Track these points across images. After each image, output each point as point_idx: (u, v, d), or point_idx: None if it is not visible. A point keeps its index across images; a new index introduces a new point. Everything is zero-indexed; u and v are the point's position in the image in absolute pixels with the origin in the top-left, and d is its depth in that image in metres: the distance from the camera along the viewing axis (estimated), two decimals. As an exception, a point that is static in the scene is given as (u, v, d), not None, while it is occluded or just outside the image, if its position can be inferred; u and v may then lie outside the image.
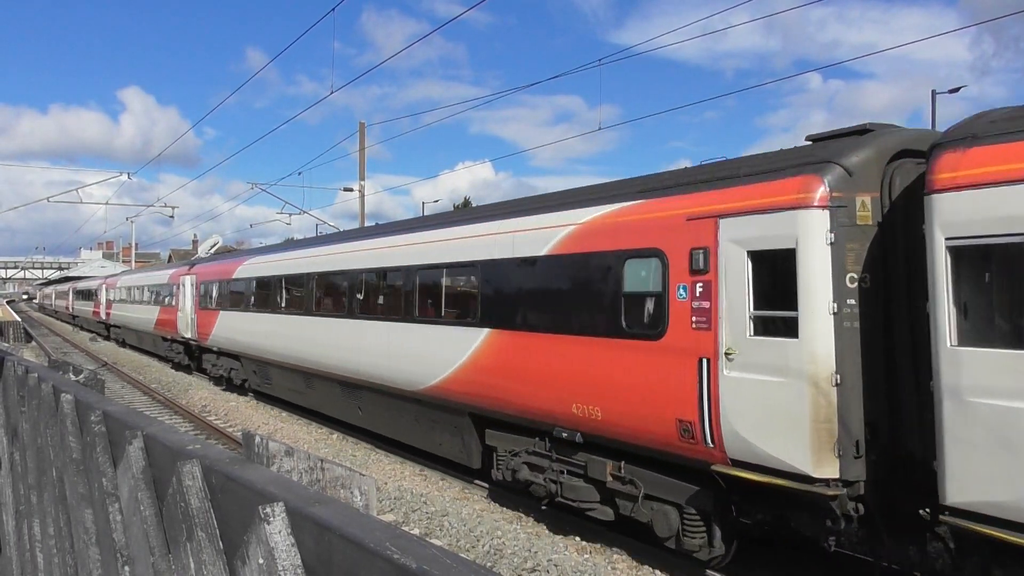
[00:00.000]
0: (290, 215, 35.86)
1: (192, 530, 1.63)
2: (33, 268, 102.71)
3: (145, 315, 31.86)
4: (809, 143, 7.83)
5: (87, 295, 53.88)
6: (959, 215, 5.88)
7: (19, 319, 54.20)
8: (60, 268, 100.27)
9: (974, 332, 5.91)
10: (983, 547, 6.03)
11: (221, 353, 22.82)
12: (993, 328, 5.95)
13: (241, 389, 22.09)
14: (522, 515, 10.88)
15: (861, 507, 6.82)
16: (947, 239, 5.93)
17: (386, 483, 12.56)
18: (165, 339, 28.97)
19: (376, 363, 13.43)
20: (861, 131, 7.42)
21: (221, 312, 22.09)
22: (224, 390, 23.03)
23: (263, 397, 20.89)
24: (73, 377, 3.94)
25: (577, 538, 9.89)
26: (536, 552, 9.34)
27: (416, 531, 10.16)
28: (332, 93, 21.33)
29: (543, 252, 9.80)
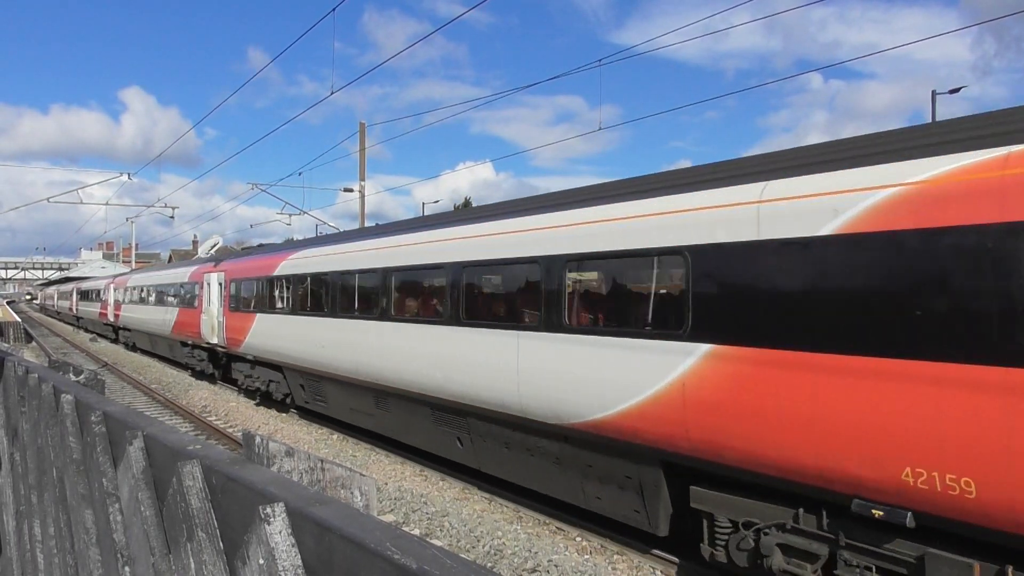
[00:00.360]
0: (290, 215, 35.88)
1: (192, 530, 1.63)
2: (33, 268, 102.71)
3: (160, 317, 29.22)
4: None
5: (92, 295, 51.19)
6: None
7: (19, 319, 54.22)
8: (60, 268, 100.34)
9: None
10: None
11: (257, 362, 19.63)
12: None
13: (281, 405, 19.30)
14: (523, 515, 10.88)
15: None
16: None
17: (386, 483, 12.56)
18: (185, 344, 26.03)
19: (494, 385, 10.06)
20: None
21: (258, 315, 18.93)
22: (225, 389, 23.05)
23: (265, 398, 20.89)
24: (73, 377, 3.94)
25: (578, 538, 9.89)
26: (536, 552, 9.35)
27: (416, 531, 10.16)
28: (332, 94, 21.34)
29: (832, 231, 6.31)
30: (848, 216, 6.20)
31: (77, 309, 55.62)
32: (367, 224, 28.45)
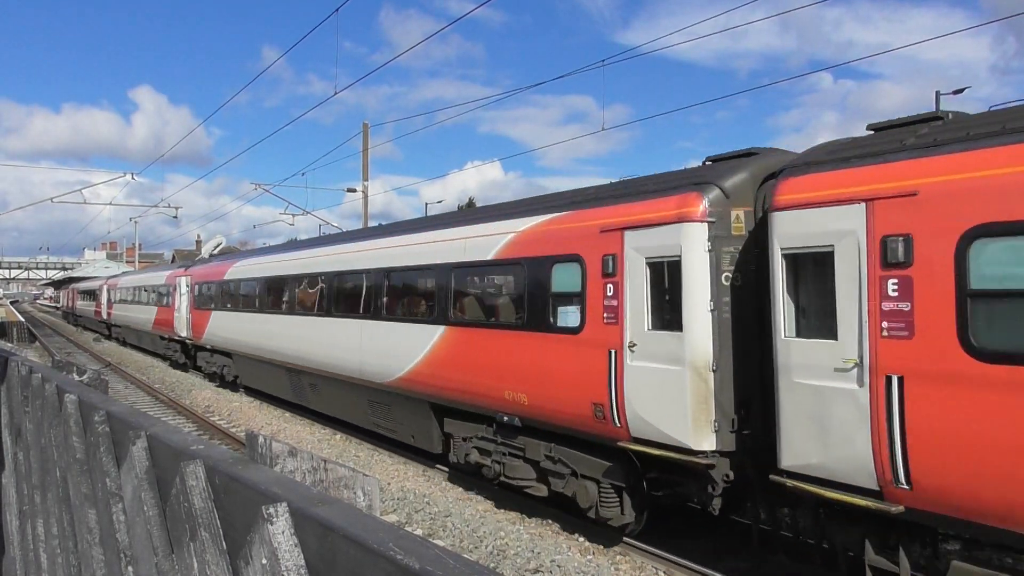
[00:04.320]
0: (293, 216, 35.90)
1: (195, 530, 1.63)
2: (37, 268, 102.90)
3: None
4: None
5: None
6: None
7: (23, 319, 54.29)
8: (64, 268, 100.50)
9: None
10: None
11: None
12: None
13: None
14: (525, 516, 10.88)
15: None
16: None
17: (389, 484, 12.56)
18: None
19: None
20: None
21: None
22: (219, 387, 23.24)
23: (265, 398, 20.91)
24: (77, 377, 3.94)
25: (581, 539, 9.89)
26: (539, 553, 9.34)
27: (419, 532, 10.16)
28: (336, 93, 21.37)
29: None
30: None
31: (111, 314, 43.20)
32: (372, 224, 28.47)
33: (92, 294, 51.20)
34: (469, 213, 14.58)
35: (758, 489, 8.20)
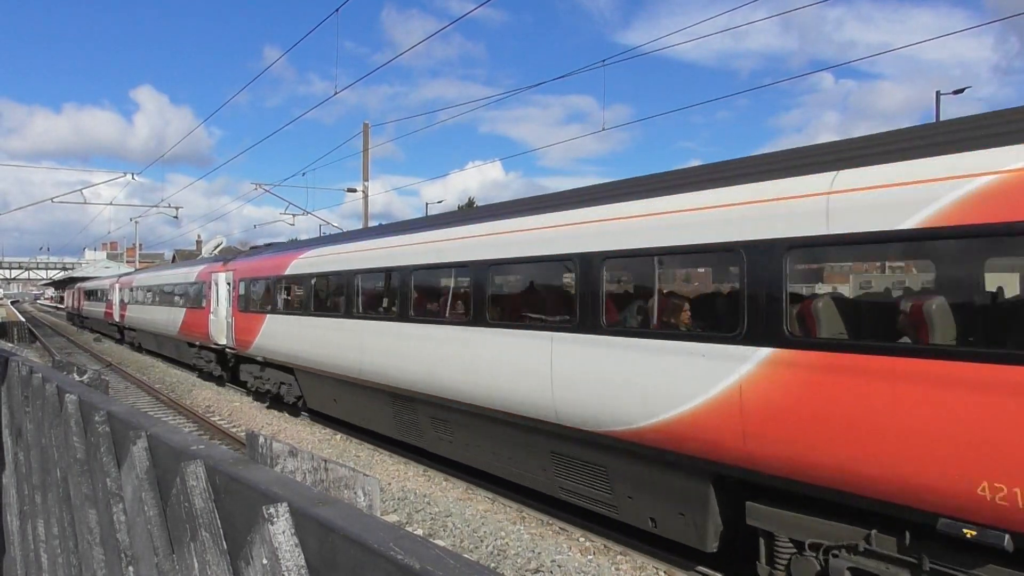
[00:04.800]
0: (294, 216, 35.92)
1: (196, 530, 1.63)
2: (37, 268, 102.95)
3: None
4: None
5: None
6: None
7: (23, 319, 54.22)
8: (64, 268, 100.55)
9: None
10: None
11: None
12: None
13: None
14: (526, 516, 10.88)
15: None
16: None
17: (390, 484, 12.56)
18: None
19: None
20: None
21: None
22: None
23: (265, 397, 20.92)
24: (77, 377, 3.94)
25: (581, 539, 9.89)
26: (540, 553, 9.34)
27: (420, 532, 10.16)
28: (336, 93, 21.37)
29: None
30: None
31: (124, 316, 38.77)
32: (370, 224, 28.46)
33: (102, 294, 47.29)
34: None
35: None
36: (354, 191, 33.00)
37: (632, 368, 8.00)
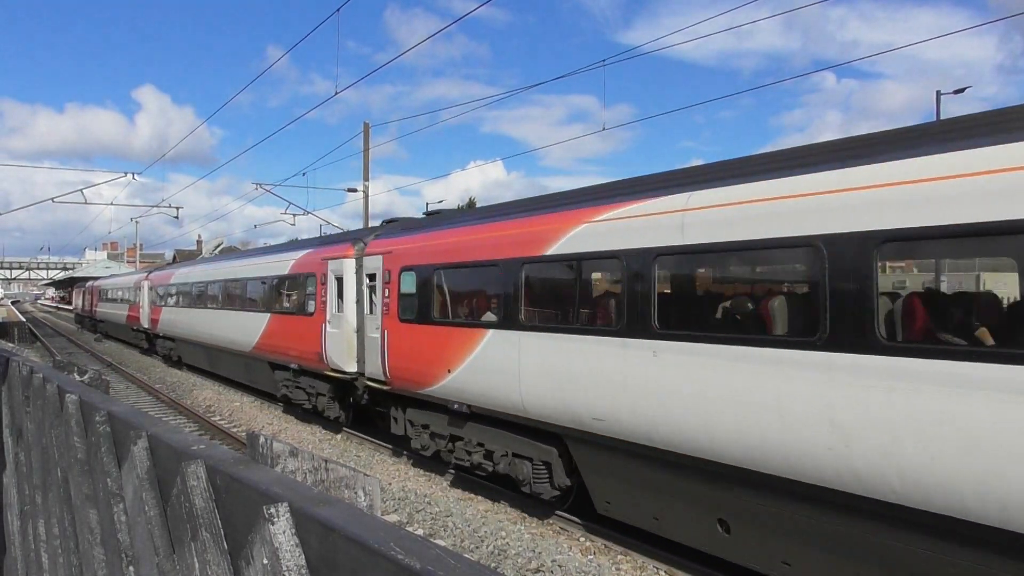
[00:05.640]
0: (294, 215, 35.92)
1: (196, 530, 1.63)
2: (39, 268, 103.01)
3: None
4: (385, 223, 16.23)
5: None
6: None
7: (24, 319, 54.14)
8: (65, 268, 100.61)
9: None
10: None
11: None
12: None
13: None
14: (526, 516, 10.88)
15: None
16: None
17: (390, 483, 12.56)
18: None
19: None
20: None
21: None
22: (221, 389, 23.11)
23: (264, 396, 20.91)
24: (78, 377, 3.95)
25: (581, 539, 9.89)
26: (540, 553, 9.34)
27: (420, 531, 10.16)
28: (337, 93, 21.36)
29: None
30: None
31: (157, 322, 31.53)
32: (371, 224, 28.44)
33: (124, 294, 39.23)
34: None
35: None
36: (355, 191, 33.00)
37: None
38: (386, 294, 13.43)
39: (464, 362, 11.05)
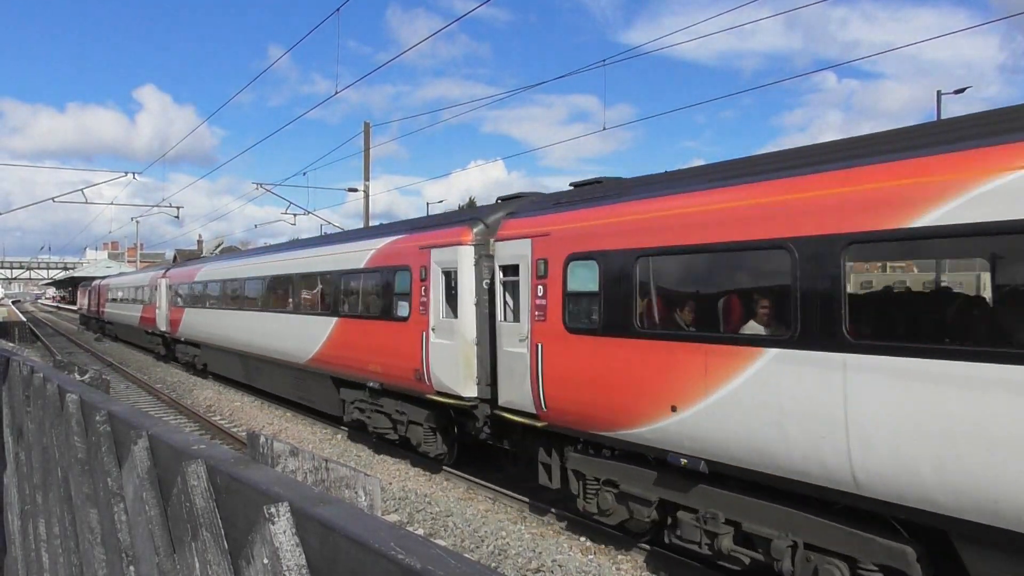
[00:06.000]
0: (294, 215, 35.93)
1: (197, 530, 1.63)
2: (39, 268, 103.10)
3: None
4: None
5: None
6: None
7: (24, 318, 54.11)
8: (66, 268, 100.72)
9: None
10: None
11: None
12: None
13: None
14: (527, 516, 10.88)
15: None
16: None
17: (390, 483, 12.56)
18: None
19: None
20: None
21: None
22: (222, 388, 23.09)
23: (265, 396, 20.91)
24: (78, 377, 3.95)
25: (582, 539, 9.88)
26: (540, 552, 9.34)
27: (420, 531, 10.16)
28: (337, 92, 21.36)
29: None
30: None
31: (177, 323, 27.79)
32: (372, 223, 28.44)
33: (137, 293, 35.25)
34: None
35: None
36: (355, 191, 33.01)
37: None
38: (539, 293, 9.68)
39: (707, 397, 7.49)
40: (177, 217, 42.40)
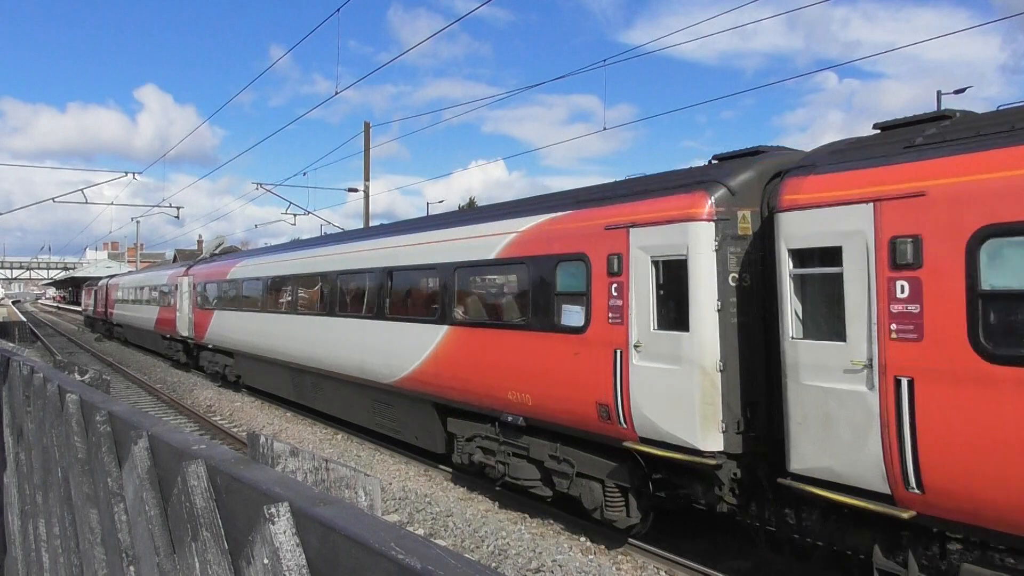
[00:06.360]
0: (295, 216, 35.93)
1: (197, 530, 1.63)
2: (39, 268, 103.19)
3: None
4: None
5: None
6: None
7: (24, 318, 54.07)
8: (66, 268, 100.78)
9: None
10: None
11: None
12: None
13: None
14: (527, 516, 10.88)
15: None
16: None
17: (391, 483, 12.56)
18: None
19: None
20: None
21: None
22: (221, 387, 23.07)
23: (265, 396, 20.89)
24: (78, 377, 3.95)
25: (582, 539, 9.88)
26: (541, 552, 9.34)
27: (421, 531, 10.16)
28: (337, 92, 21.36)
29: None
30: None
31: (205, 327, 24.32)
32: (374, 224, 28.43)
33: (152, 294, 31.88)
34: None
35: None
36: (355, 191, 33.02)
37: None
38: (900, 292, 6.19)
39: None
40: (177, 217, 42.42)
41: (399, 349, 12.90)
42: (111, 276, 49.06)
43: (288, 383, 18.57)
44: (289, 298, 18.12)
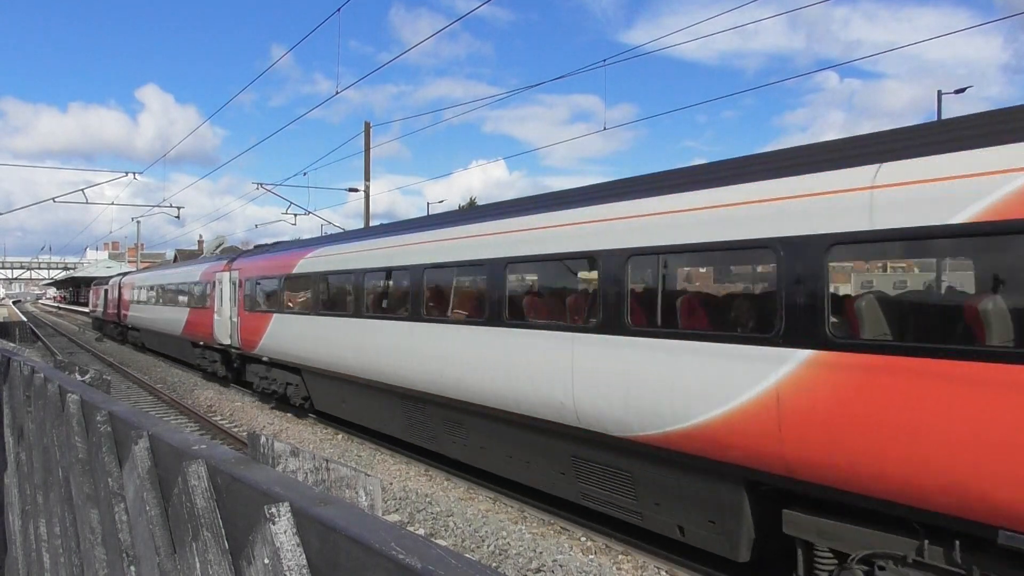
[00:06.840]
0: (295, 215, 35.95)
1: (198, 530, 1.63)
2: (40, 268, 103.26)
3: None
4: None
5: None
6: None
7: (25, 318, 54.01)
8: (66, 268, 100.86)
9: None
10: None
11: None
12: None
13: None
14: (527, 515, 10.88)
15: None
16: None
17: (391, 483, 12.56)
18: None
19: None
20: None
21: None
22: (221, 387, 23.04)
23: (267, 398, 20.88)
24: (79, 377, 3.95)
25: (583, 539, 9.88)
26: (541, 552, 9.34)
27: (421, 531, 10.16)
28: (338, 92, 21.36)
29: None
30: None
31: (258, 331, 19.14)
32: (371, 224, 28.43)
33: (179, 292, 26.93)
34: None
35: None
36: (356, 191, 33.02)
37: None
38: None
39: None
40: (178, 217, 42.44)
41: (675, 385, 7.54)
42: (124, 273, 44.02)
43: (397, 415, 13.65)
44: (411, 298, 12.39)
